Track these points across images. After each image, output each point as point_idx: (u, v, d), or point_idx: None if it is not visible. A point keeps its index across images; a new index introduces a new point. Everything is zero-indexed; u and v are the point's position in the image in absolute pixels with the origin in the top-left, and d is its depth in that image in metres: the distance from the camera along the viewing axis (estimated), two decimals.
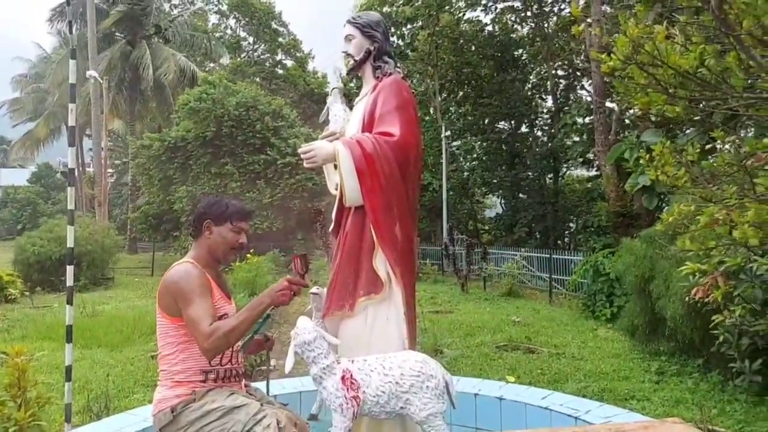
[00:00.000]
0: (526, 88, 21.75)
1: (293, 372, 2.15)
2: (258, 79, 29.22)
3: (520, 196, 21.09)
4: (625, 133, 14.32)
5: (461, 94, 22.88)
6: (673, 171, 2.65)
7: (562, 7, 19.96)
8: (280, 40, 32.43)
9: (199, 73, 25.40)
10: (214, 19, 33.63)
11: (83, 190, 28.65)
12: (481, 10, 20.88)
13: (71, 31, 3.76)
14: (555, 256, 13.06)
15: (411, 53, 20.70)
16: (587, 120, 17.26)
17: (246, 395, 2.23)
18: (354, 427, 2.11)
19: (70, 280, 3.46)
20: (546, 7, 20.36)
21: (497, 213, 23.27)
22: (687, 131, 9.32)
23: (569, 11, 19.21)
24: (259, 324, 2.31)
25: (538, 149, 20.91)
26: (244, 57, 32.43)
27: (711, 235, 2.63)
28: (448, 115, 22.12)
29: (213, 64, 32.05)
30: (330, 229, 2.55)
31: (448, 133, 19.85)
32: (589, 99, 18.47)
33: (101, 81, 20.55)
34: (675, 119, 2.49)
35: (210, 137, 18.34)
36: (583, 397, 4.74)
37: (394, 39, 20.49)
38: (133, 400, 5.07)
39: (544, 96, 22.27)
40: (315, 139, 2.49)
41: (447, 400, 2.05)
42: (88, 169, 32.66)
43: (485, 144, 21.96)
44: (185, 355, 2.20)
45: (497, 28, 21.28)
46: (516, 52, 21.44)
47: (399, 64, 2.54)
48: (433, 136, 19.60)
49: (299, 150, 2.34)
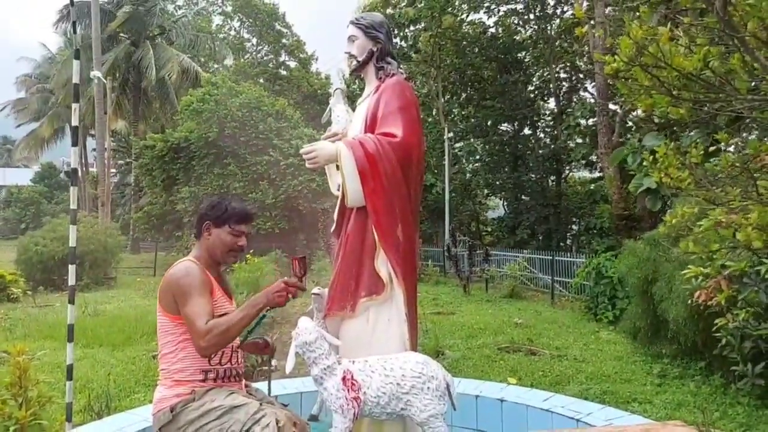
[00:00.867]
0: (528, 90, 21.74)
1: (294, 372, 2.16)
2: (261, 80, 29.28)
3: (523, 198, 21.06)
4: (628, 135, 14.32)
5: (464, 96, 22.88)
6: (677, 173, 2.65)
7: (565, 9, 19.97)
8: (284, 41, 32.51)
9: (203, 74, 25.44)
10: (218, 20, 33.78)
11: (86, 190, 28.73)
12: (484, 13, 20.88)
13: (75, 31, 3.77)
14: (557, 258, 13.03)
15: (414, 55, 20.71)
16: (590, 122, 17.25)
17: (246, 395, 2.23)
18: (354, 428, 2.10)
19: (72, 280, 3.47)
20: (549, 10, 20.36)
21: (499, 215, 23.25)
22: (690, 134, 9.31)
23: (572, 14, 19.20)
24: (254, 323, 2.30)
25: (540, 151, 20.90)
26: (248, 58, 32.52)
27: (714, 237, 2.62)
28: (450, 116, 22.13)
29: (217, 65, 32.12)
30: (332, 230, 2.55)
31: (451, 134, 19.84)
32: (592, 101, 18.46)
33: (105, 81, 20.61)
34: (679, 121, 2.49)
35: (213, 138, 18.37)
36: (585, 399, 4.72)
37: (397, 40, 20.50)
38: (134, 399, 5.07)
39: (546, 98, 22.26)
40: (318, 140, 2.49)
41: (448, 402, 2.05)
42: (91, 169, 32.71)
43: (488, 146, 21.96)
44: (185, 353, 2.20)
45: (500, 30, 21.28)
46: (519, 55, 21.43)
47: (402, 65, 2.55)
48: (435, 138, 19.60)
49: (301, 150, 2.34)
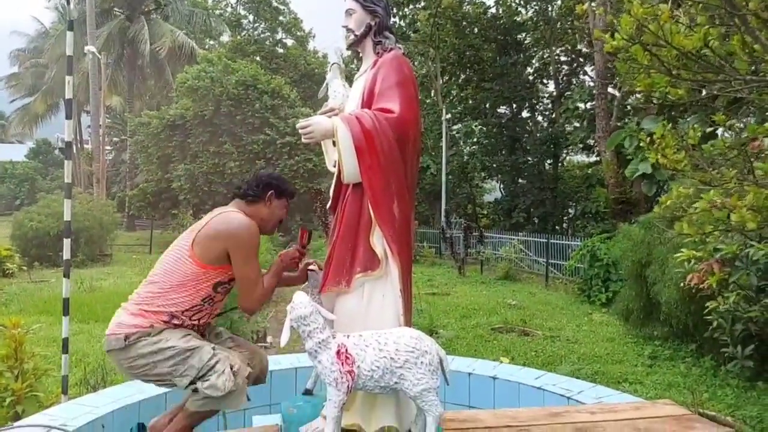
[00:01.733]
0: (528, 73, 21.58)
1: (289, 348, 2.18)
2: (258, 58, 28.90)
3: (520, 181, 21.04)
4: (626, 119, 14.29)
5: (463, 77, 22.67)
6: (674, 154, 2.65)
7: None
8: (281, 18, 32.03)
9: (199, 50, 25.15)
10: None
11: (81, 166, 28.55)
12: None
13: (68, 2, 3.70)
14: (552, 241, 13.09)
15: (413, 34, 20.48)
16: (589, 106, 17.18)
17: (199, 337, 2.27)
18: (348, 401, 2.13)
19: (67, 254, 3.47)
20: None
21: (496, 198, 23.25)
22: (688, 118, 9.30)
23: None
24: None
25: (538, 134, 20.82)
26: (244, 35, 32.04)
27: (709, 219, 2.63)
28: (449, 98, 21.97)
29: (212, 42, 31.72)
30: (328, 206, 2.54)
31: (449, 116, 19.73)
32: (591, 84, 18.36)
33: (99, 56, 20.35)
34: (677, 103, 2.48)
35: (209, 116, 18.24)
36: (576, 379, 4.80)
37: (395, 20, 20.23)
38: None
39: (545, 81, 22.11)
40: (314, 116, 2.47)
41: (441, 376, 2.07)
42: (86, 146, 32.48)
43: (486, 128, 21.85)
44: (176, 295, 2.21)
45: (501, 10, 21.04)
46: (519, 36, 21.22)
47: (400, 45, 2.52)
48: (433, 120, 19.48)
49: (298, 125, 2.32)
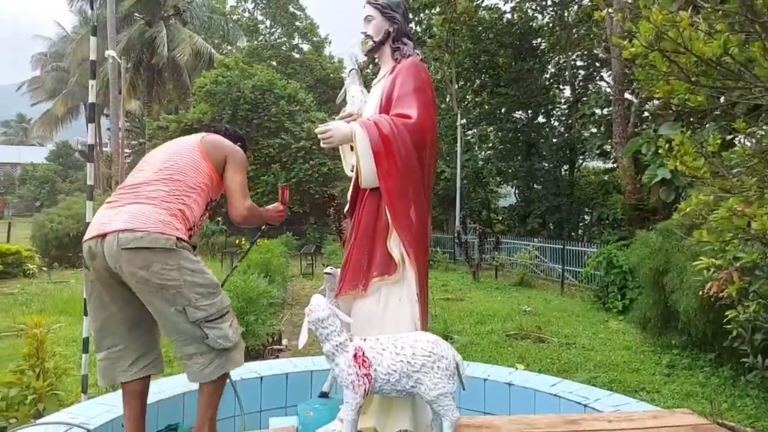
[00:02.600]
0: (544, 78, 21.47)
1: (304, 352, 2.20)
2: (274, 63, 29.19)
3: (535, 186, 20.91)
4: (644, 125, 14.14)
5: (478, 82, 22.64)
6: (693, 161, 2.63)
7: None
8: (297, 23, 32.34)
9: (216, 55, 25.43)
10: (231, 1, 33.63)
11: (100, 169, 28.97)
12: None
13: (92, 7, 3.79)
14: (568, 247, 12.99)
15: (428, 40, 20.51)
16: (605, 111, 17.04)
17: None
18: (364, 405, 2.14)
19: None
20: None
21: (511, 203, 23.13)
22: (707, 125, 9.18)
23: (590, 1, 18.90)
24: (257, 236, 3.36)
25: (554, 140, 20.69)
26: (261, 40, 32.40)
27: (729, 227, 2.61)
28: (464, 103, 21.94)
29: (230, 47, 32.06)
30: (345, 211, 2.57)
31: (464, 121, 19.70)
32: (608, 90, 18.22)
33: (120, 61, 20.66)
34: (696, 109, 2.46)
35: (226, 120, 18.43)
36: (593, 387, 4.75)
37: (411, 25, 20.23)
38: None
39: (562, 86, 21.97)
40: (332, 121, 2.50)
41: (457, 381, 2.07)
42: (105, 149, 32.99)
43: (501, 133, 21.78)
44: (197, 200, 2.29)
45: (516, 16, 20.99)
46: (535, 41, 21.14)
47: (418, 51, 2.54)
48: (448, 124, 19.47)
49: (316, 130, 2.36)
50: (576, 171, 21.07)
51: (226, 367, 2.24)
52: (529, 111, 21.58)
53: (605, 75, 20.28)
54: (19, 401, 3.48)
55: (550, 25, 20.88)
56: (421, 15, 20.91)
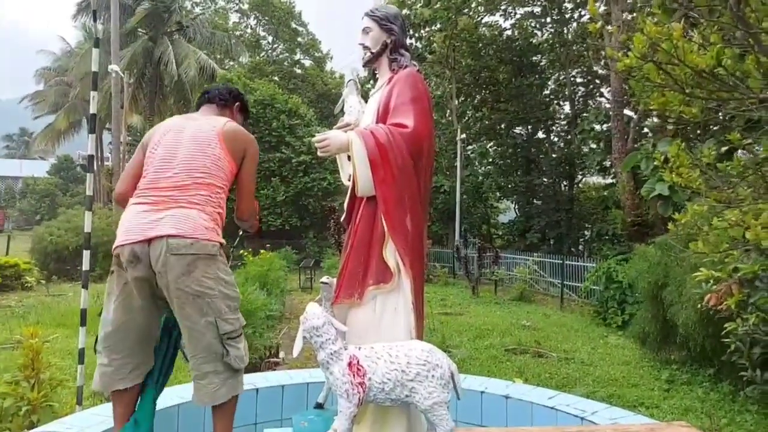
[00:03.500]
0: (543, 94, 21.63)
1: (302, 365, 2.19)
2: (276, 78, 29.43)
3: (535, 202, 20.95)
4: (643, 141, 14.20)
5: (478, 98, 22.80)
6: (688, 173, 2.65)
7: (583, 13, 19.84)
8: (299, 39, 32.66)
9: (219, 70, 25.65)
10: (234, 17, 34.01)
11: (101, 182, 29.04)
12: (501, 15, 20.81)
13: (95, 19, 3.83)
14: (567, 262, 12.97)
15: (428, 56, 20.69)
16: (605, 127, 17.13)
17: None
18: (359, 414, 2.12)
19: (86, 265, 3.53)
20: (566, 14, 20.25)
21: (510, 218, 23.15)
22: (705, 140, 9.21)
23: (588, 18, 19.09)
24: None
25: (554, 155, 20.78)
26: (263, 56, 32.71)
27: (725, 238, 2.61)
28: (464, 118, 22.07)
29: (232, 63, 32.34)
30: (342, 219, 2.58)
31: (464, 136, 19.80)
32: (607, 106, 18.33)
33: (122, 75, 20.81)
34: (691, 121, 2.48)
35: None
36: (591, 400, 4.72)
37: (411, 41, 20.46)
38: None
39: (561, 102, 22.13)
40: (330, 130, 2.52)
41: (452, 391, 2.06)
42: (106, 162, 33.11)
43: (501, 148, 21.89)
44: (224, 197, 2.31)
45: (516, 33, 21.20)
46: (534, 58, 21.33)
47: (415, 62, 2.57)
48: (448, 140, 19.56)
49: (314, 139, 2.37)
50: (575, 186, 21.12)
51: (237, 389, 2.24)
52: (529, 126, 21.70)
53: (605, 91, 20.44)
54: (13, 412, 3.45)
55: (550, 41, 21.08)
56: (422, 31, 21.11)
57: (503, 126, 21.72)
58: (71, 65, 29.72)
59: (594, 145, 18.62)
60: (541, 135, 22.22)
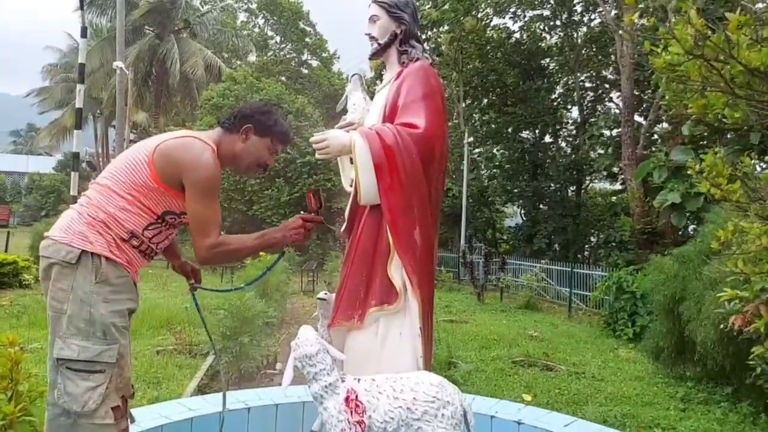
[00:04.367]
0: (551, 98, 21.37)
1: (297, 379, 1.93)
2: (283, 78, 29.30)
3: (541, 207, 20.68)
4: (653, 148, 13.95)
5: (485, 101, 22.56)
6: (727, 184, 2.39)
7: (592, 17, 19.60)
8: (307, 40, 32.54)
9: (225, 69, 25.50)
10: (242, 16, 33.91)
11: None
12: (509, 18, 20.57)
13: (82, 7, 3.61)
14: (576, 270, 12.69)
15: (436, 58, 20.46)
16: (614, 133, 16.87)
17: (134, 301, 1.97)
18: None
19: None
20: (576, 17, 20.00)
21: (516, 223, 22.88)
22: (717, 150, 8.91)
23: (599, 21, 18.83)
24: (274, 262, 2.48)
25: (561, 160, 20.50)
26: (271, 55, 32.60)
27: (766, 257, 2.36)
28: (471, 121, 21.83)
29: (239, 62, 32.23)
30: (341, 230, 2.32)
31: (471, 139, 19.55)
32: (616, 111, 18.05)
33: (127, 72, 20.67)
34: (734, 126, 2.22)
35: None
36: (604, 422, 4.46)
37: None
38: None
39: (570, 107, 21.86)
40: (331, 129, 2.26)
41: (464, 431, 1.81)
42: (112, 160, 33.02)
43: (508, 152, 21.62)
44: (135, 210, 1.90)
45: (525, 36, 20.95)
46: (543, 61, 21.09)
47: (430, 59, 2.28)
48: (455, 143, 19.32)
49: (312, 139, 2.11)
50: (583, 192, 20.84)
51: None
52: (537, 131, 21.44)
53: (614, 96, 20.16)
54: None
55: (559, 45, 20.83)
56: (429, 33, 20.88)
57: (510, 130, 21.46)
58: (77, 62, 29.65)
59: (602, 151, 18.36)
60: (548, 139, 21.97)
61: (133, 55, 24.39)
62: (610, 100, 20.78)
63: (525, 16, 20.66)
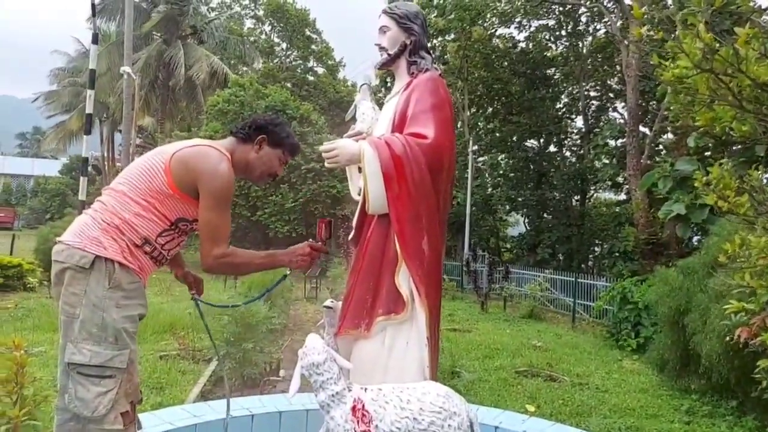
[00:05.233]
0: (556, 107, 21.40)
1: (301, 387, 1.93)
2: (289, 85, 29.42)
3: (545, 216, 20.66)
4: (657, 158, 13.93)
5: (490, 109, 22.62)
6: (734, 197, 2.39)
7: (598, 27, 19.67)
8: (313, 47, 32.71)
9: (231, 75, 25.65)
10: (249, 23, 34.14)
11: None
12: (515, 27, 20.65)
13: (94, 14, 3.65)
14: (580, 280, 12.65)
15: (441, 66, 20.54)
16: (619, 143, 16.87)
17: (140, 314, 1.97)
18: None
19: None
20: (581, 27, 20.06)
21: (520, 232, 22.85)
22: (724, 162, 8.89)
23: (604, 32, 18.90)
24: (276, 282, 2.47)
25: (565, 169, 20.51)
26: (277, 62, 32.76)
27: None
28: (476, 130, 21.88)
29: (246, 68, 32.40)
30: (349, 238, 2.32)
31: (475, 147, 19.58)
32: (621, 121, 18.06)
33: (135, 77, 20.81)
34: (741, 139, 2.22)
35: None
36: None
37: None
38: None
39: (574, 116, 21.89)
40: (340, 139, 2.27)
41: None
42: (117, 164, 33.13)
43: (512, 161, 21.64)
44: (150, 216, 1.91)
45: (530, 45, 21.03)
46: (548, 71, 21.14)
47: (439, 70, 2.30)
48: (459, 151, 19.34)
49: (321, 148, 2.13)
50: (587, 202, 20.82)
51: None
52: (541, 140, 21.47)
53: (619, 106, 20.18)
54: None
55: (564, 55, 20.88)
56: (435, 41, 20.98)
57: (515, 138, 21.50)
58: (85, 66, 29.85)
59: (607, 161, 18.36)
60: (553, 149, 21.99)
61: (142, 61, 24.57)
62: (615, 110, 20.83)
63: (531, 26, 20.76)
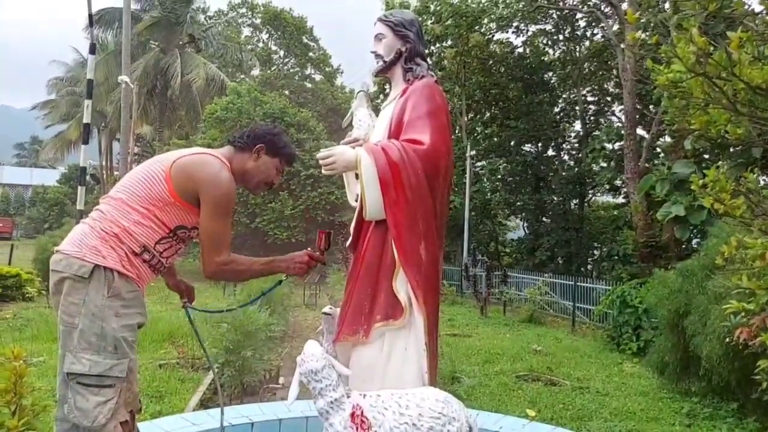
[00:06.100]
0: (554, 112, 21.47)
1: (300, 393, 1.93)
2: (286, 92, 29.49)
3: (544, 220, 20.69)
4: (655, 161, 13.97)
5: (488, 114, 22.68)
6: (730, 199, 2.40)
7: (595, 32, 19.75)
8: (311, 54, 32.80)
9: (229, 83, 25.70)
10: (247, 31, 34.22)
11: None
12: (512, 32, 20.73)
13: (91, 24, 3.66)
14: (579, 284, 12.65)
15: (439, 72, 20.60)
16: (616, 146, 16.92)
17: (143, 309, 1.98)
18: None
19: None
20: (578, 32, 20.15)
21: (519, 236, 22.86)
22: (720, 165, 8.92)
23: (601, 36, 18.99)
24: (273, 286, 2.52)
25: (564, 173, 20.55)
26: (274, 70, 32.83)
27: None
28: (473, 135, 21.93)
29: (243, 76, 32.48)
30: (347, 244, 2.33)
31: (473, 153, 19.61)
32: (619, 125, 18.12)
33: (132, 86, 20.85)
34: (736, 141, 2.24)
35: None
36: None
37: None
38: None
39: (572, 120, 21.95)
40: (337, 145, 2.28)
41: None
42: (115, 172, 33.13)
43: (510, 166, 21.69)
44: (149, 223, 1.92)
45: (528, 50, 21.11)
46: (545, 75, 21.21)
47: (435, 77, 2.32)
48: (457, 156, 19.38)
49: (318, 155, 2.14)
50: (586, 205, 20.85)
51: None
52: (539, 144, 21.52)
53: (616, 110, 20.24)
54: None
55: (561, 59, 20.97)
56: (433, 48, 21.05)
57: (513, 143, 21.55)
58: (82, 76, 29.91)
59: (605, 164, 18.41)
60: (551, 153, 22.04)
61: (140, 70, 24.61)
62: (613, 113, 20.89)
63: (528, 31, 20.84)
